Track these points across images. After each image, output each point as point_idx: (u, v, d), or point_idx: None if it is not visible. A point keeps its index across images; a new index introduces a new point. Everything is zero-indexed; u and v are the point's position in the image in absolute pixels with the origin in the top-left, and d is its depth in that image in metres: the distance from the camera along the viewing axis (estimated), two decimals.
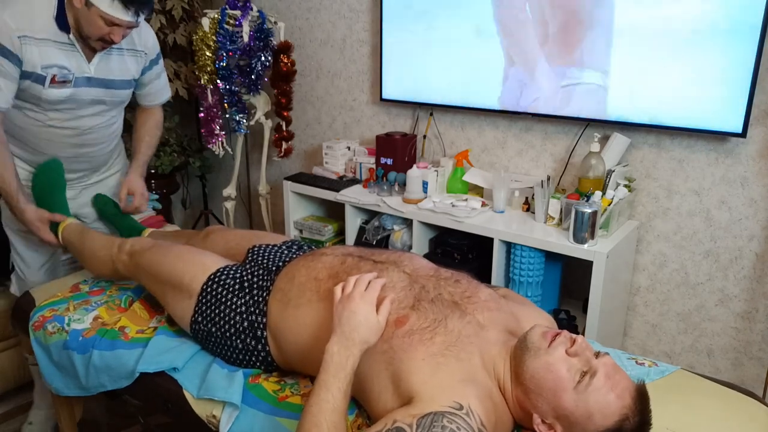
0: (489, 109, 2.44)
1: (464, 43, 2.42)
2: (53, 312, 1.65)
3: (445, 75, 2.52)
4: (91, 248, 1.75)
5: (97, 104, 1.87)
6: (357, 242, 2.61)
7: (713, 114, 1.97)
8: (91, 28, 1.66)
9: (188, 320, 1.44)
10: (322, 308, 1.25)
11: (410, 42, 2.57)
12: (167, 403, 1.41)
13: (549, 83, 2.26)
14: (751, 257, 2.08)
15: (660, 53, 2.02)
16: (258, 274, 1.43)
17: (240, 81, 2.75)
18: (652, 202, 2.23)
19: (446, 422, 0.96)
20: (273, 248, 1.54)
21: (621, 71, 2.11)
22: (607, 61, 2.12)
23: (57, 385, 1.61)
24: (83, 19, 1.65)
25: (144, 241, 1.66)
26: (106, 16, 1.63)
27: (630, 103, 2.11)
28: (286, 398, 1.29)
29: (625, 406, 1.00)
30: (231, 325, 1.37)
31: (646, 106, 2.08)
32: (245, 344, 1.36)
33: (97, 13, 1.62)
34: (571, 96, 2.22)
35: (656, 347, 2.35)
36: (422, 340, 1.10)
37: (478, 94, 2.45)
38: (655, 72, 2.04)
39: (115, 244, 1.68)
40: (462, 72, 2.47)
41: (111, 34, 1.68)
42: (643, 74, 2.07)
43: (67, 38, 1.71)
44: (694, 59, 1.96)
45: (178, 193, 3.57)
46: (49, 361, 1.61)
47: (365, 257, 1.34)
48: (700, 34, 1.93)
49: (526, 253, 2.11)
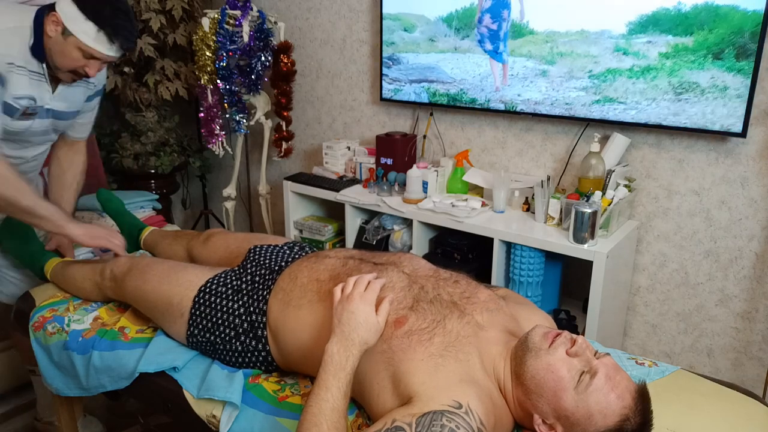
0: (489, 109, 2.44)
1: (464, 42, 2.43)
2: (53, 312, 1.65)
3: (445, 75, 2.52)
4: (74, 281, 1.71)
5: (46, 134, 1.75)
6: (357, 242, 2.61)
7: (713, 114, 1.97)
8: (65, 60, 1.54)
9: (184, 336, 1.44)
10: (323, 309, 1.26)
11: (410, 42, 2.57)
12: (167, 403, 1.41)
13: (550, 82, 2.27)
14: (751, 257, 2.08)
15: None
16: (259, 274, 1.42)
17: (240, 81, 2.75)
18: (652, 202, 2.23)
19: (445, 421, 0.97)
20: (275, 248, 1.54)
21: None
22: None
23: (57, 386, 1.61)
24: (56, 48, 1.53)
25: (121, 264, 1.61)
26: (87, 48, 1.52)
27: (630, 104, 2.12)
28: (286, 398, 1.29)
29: (625, 406, 1.00)
30: (231, 329, 1.37)
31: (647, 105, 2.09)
32: (245, 345, 1.36)
33: (74, 44, 1.51)
34: (572, 96, 2.23)
35: (656, 347, 2.35)
36: (421, 340, 1.10)
37: (478, 94, 2.45)
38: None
39: (96, 272, 1.65)
40: (462, 72, 2.47)
41: (86, 67, 1.56)
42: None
43: (41, 67, 1.58)
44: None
45: (178, 193, 3.57)
46: (49, 361, 1.61)
47: (366, 259, 1.35)
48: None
49: (526, 253, 2.11)
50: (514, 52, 2.32)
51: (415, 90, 2.63)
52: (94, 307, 1.66)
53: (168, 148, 3.12)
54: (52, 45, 1.54)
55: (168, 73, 2.99)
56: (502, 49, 2.35)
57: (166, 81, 2.99)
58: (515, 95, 2.37)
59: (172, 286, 1.46)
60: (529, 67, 2.31)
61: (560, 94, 2.27)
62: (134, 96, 3.00)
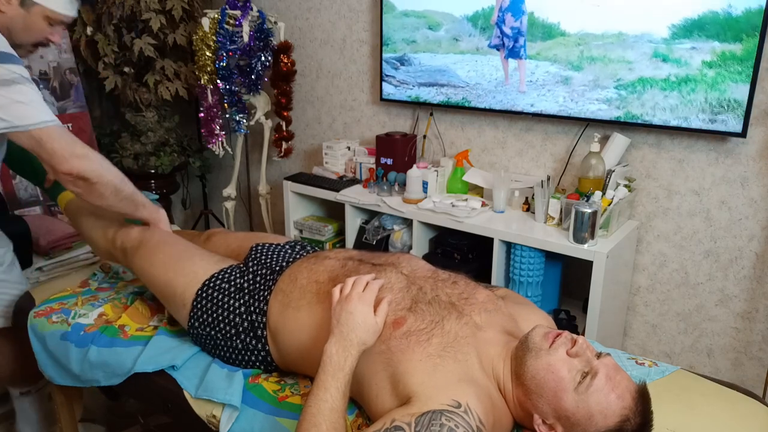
0: (489, 109, 2.44)
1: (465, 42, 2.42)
2: (62, 305, 1.66)
3: (457, 78, 2.52)
4: (86, 230, 1.72)
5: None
6: (357, 242, 2.61)
7: (713, 114, 1.97)
8: (30, 33, 1.45)
9: (186, 325, 1.45)
10: (321, 311, 1.26)
11: (410, 41, 2.57)
12: (167, 403, 1.41)
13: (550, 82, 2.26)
14: (751, 257, 2.08)
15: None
16: (260, 273, 1.43)
17: (240, 81, 2.75)
18: (652, 202, 2.23)
19: (444, 420, 0.97)
20: (276, 247, 1.54)
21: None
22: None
23: (50, 374, 1.60)
24: (16, 24, 1.42)
25: (132, 238, 1.59)
26: (55, 15, 1.45)
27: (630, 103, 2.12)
28: (286, 398, 1.29)
29: (626, 406, 1.00)
30: (232, 326, 1.37)
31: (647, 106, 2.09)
32: (245, 344, 1.36)
33: (41, 14, 1.44)
34: (591, 109, 2.21)
35: (656, 347, 2.35)
36: (419, 341, 1.10)
37: (478, 93, 2.45)
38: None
39: (108, 237, 1.65)
40: (478, 75, 2.47)
41: (51, 35, 1.49)
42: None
43: None
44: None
45: (178, 193, 3.57)
46: (42, 349, 1.60)
47: (365, 260, 1.35)
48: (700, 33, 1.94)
49: (526, 253, 2.11)
50: (540, 55, 2.23)
51: (420, 93, 2.59)
52: (100, 303, 1.68)
53: (168, 148, 3.12)
54: (9, 22, 1.42)
55: (168, 73, 2.99)
56: (522, 52, 2.27)
57: (166, 81, 2.99)
58: (527, 105, 2.31)
59: (178, 276, 1.46)
60: (552, 72, 2.22)
61: (579, 106, 2.19)
62: (134, 96, 3.00)
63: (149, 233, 1.60)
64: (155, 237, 1.58)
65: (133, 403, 2.23)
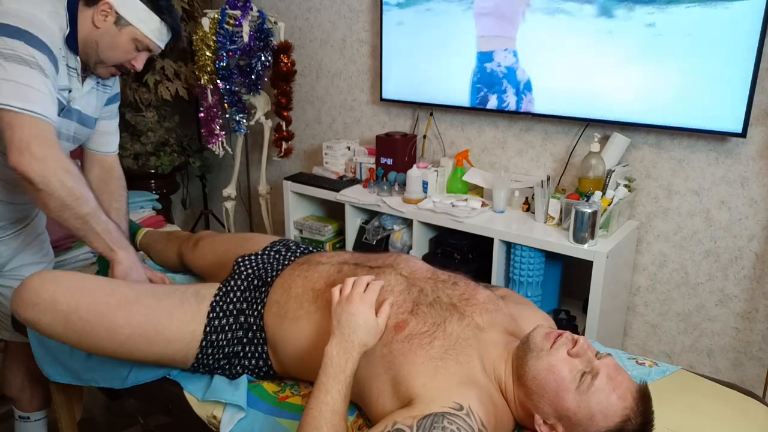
0: (489, 109, 2.44)
1: (465, 42, 2.42)
2: None
3: (445, 74, 2.52)
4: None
5: (69, 141, 1.54)
6: (357, 242, 2.61)
7: (713, 114, 1.97)
8: (116, 53, 1.42)
9: (189, 366, 1.36)
10: (321, 319, 1.24)
11: (410, 42, 2.57)
12: (167, 403, 1.41)
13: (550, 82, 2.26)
14: (751, 257, 2.09)
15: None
16: (249, 289, 1.36)
17: (240, 81, 2.75)
18: (652, 202, 2.23)
19: (446, 423, 0.96)
20: (260, 257, 1.46)
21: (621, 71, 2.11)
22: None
23: (48, 370, 1.57)
24: (106, 40, 1.40)
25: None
26: (144, 39, 1.41)
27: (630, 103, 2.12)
28: (286, 399, 1.29)
29: (627, 407, 1.00)
30: (238, 360, 1.33)
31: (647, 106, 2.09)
32: (250, 362, 1.34)
33: (130, 35, 1.40)
34: (572, 96, 2.22)
35: (656, 347, 2.35)
36: (421, 344, 1.10)
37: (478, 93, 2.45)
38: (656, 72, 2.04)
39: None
40: (463, 71, 2.47)
41: (134, 61, 1.45)
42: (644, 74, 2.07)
43: (76, 61, 1.43)
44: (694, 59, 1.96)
45: (178, 193, 3.57)
46: (39, 345, 1.59)
47: (361, 264, 1.32)
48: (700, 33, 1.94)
49: (526, 253, 2.11)
50: None
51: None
52: None
53: (168, 148, 3.12)
54: (99, 37, 1.39)
55: (168, 73, 2.99)
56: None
57: (166, 81, 2.99)
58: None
59: (170, 344, 1.29)
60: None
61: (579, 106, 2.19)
62: (134, 96, 3.00)
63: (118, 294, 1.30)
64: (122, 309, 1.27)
65: (133, 403, 2.23)
